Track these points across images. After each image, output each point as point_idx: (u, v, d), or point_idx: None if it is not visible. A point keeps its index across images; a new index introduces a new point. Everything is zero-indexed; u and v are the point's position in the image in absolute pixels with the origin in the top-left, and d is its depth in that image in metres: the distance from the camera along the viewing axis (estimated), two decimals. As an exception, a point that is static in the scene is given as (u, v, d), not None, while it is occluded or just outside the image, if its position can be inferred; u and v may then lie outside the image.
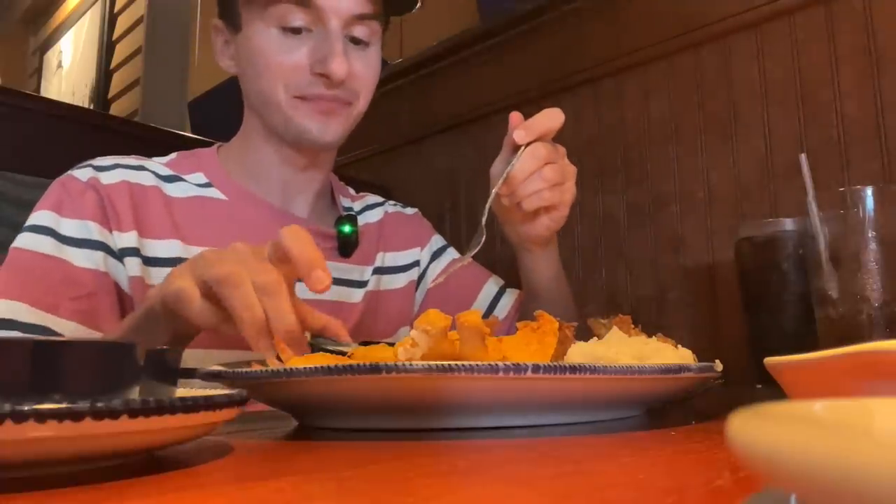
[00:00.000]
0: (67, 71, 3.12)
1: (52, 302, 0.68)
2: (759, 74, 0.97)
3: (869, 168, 0.86)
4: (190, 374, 0.45)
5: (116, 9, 2.79)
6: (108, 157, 0.79)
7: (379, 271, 0.91)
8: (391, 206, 1.00)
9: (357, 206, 0.95)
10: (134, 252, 0.74)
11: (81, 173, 0.76)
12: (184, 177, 0.82)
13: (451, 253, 0.99)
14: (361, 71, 0.79)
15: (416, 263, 0.96)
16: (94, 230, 0.73)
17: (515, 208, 0.73)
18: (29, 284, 0.69)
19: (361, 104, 0.81)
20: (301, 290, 0.83)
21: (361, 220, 0.92)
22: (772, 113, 0.96)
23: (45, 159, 0.98)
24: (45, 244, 0.71)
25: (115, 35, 2.76)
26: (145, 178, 0.79)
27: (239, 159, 0.85)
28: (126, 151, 0.83)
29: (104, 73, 2.75)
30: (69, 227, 0.73)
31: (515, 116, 0.72)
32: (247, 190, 0.83)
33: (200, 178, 0.83)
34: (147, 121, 2.12)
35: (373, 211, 0.96)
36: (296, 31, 0.76)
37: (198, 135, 1.26)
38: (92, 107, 2.69)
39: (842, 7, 0.90)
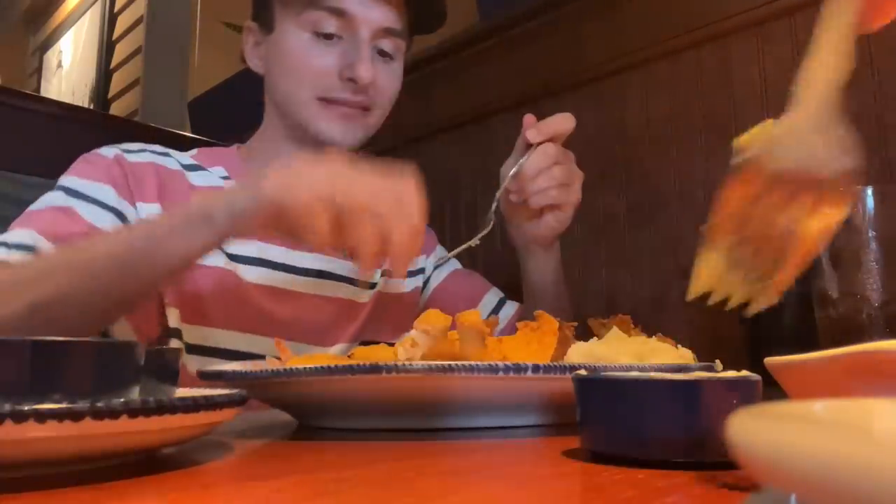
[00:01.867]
0: (67, 71, 3.12)
1: (62, 235, 0.69)
2: (759, 74, 0.97)
3: (869, 168, 0.86)
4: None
5: (116, 9, 2.79)
6: (136, 143, 0.82)
7: (386, 273, 0.92)
8: None
9: None
10: None
11: (107, 150, 0.79)
12: (206, 167, 0.85)
13: (454, 262, 1.00)
14: (384, 82, 0.82)
15: (422, 271, 0.97)
16: (110, 195, 0.75)
17: (522, 206, 0.78)
18: (39, 224, 0.70)
19: (378, 113, 0.84)
20: (314, 285, 0.85)
21: None
22: (772, 113, 0.95)
23: (45, 159, 0.98)
24: (56, 198, 0.73)
25: (115, 35, 2.76)
26: (171, 163, 0.82)
27: (258, 157, 0.87)
28: (126, 151, 0.83)
29: (104, 73, 2.75)
30: (83, 185, 0.74)
31: (529, 118, 0.77)
32: None
33: (221, 171, 0.85)
34: (147, 121, 2.12)
35: None
36: (328, 37, 0.79)
37: (198, 135, 1.26)
38: (92, 107, 2.69)
39: (842, 7, 0.90)
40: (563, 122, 0.76)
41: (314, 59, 0.79)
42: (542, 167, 0.75)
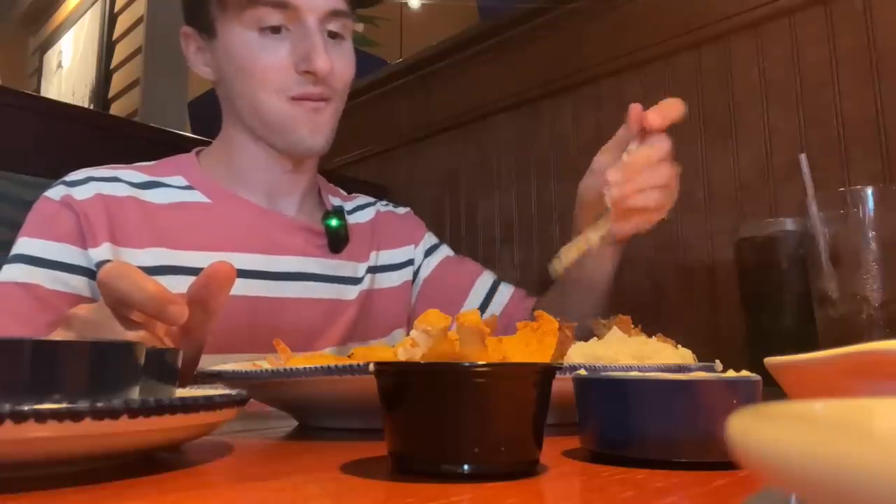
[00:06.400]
0: (67, 71, 3.12)
1: (31, 332, 0.66)
2: (759, 74, 0.97)
3: (869, 168, 0.86)
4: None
5: (116, 9, 2.80)
6: (81, 170, 0.78)
7: (373, 269, 0.91)
8: (382, 206, 1.00)
9: (349, 205, 0.95)
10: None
11: (55, 192, 0.75)
12: (163, 181, 0.81)
13: (445, 250, 0.99)
14: (340, 65, 0.79)
15: (411, 262, 0.95)
16: (72, 253, 0.72)
17: (617, 204, 0.66)
18: (4, 318, 0.67)
19: (338, 103, 0.81)
20: (295, 288, 0.83)
21: (354, 219, 0.92)
22: (772, 113, 0.96)
23: (45, 159, 0.99)
24: (17, 272, 0.70)
25: (115, 35, 2.76)
26: (119, 189, 0.77)
27: (222, 163, 0.84)
28: (126, 151, 0.83)
29: (104, 73, 2.75)
30: (43, 249, 0.71)
31: (637, 105, 0.69)
32: (231, 192, 0.83)
33: (181, 181, 0.82)
34: (147, 121, 2.12)
35: (364, 210, 0.96)
36: (275, 30, 0.76)
37: (198, 135, 1.26)
38: (92, 107, 2.69)
39: (842, 7, 0.90)
40: (678, 108, 0.68)
41: (267, 57, 0.76)
42: (652, 161, 0.66)
